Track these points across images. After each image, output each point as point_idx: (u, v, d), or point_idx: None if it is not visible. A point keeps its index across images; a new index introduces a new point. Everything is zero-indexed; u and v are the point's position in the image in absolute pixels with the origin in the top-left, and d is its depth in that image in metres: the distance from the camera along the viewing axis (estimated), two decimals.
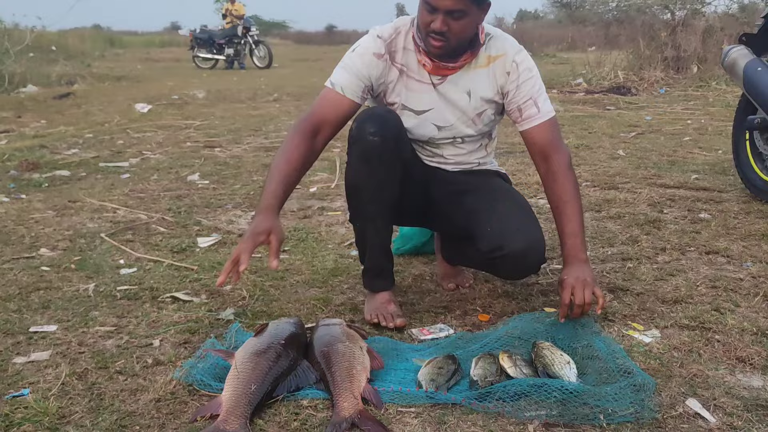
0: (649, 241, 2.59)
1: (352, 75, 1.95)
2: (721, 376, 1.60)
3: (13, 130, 6.50)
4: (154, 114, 7.52)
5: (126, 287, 2.33)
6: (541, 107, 1.96)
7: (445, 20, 1.81)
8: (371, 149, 1.90)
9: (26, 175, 4.43)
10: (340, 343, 1.72)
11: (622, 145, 5.03)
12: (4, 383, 1.66)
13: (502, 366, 1.65)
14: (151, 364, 1.75)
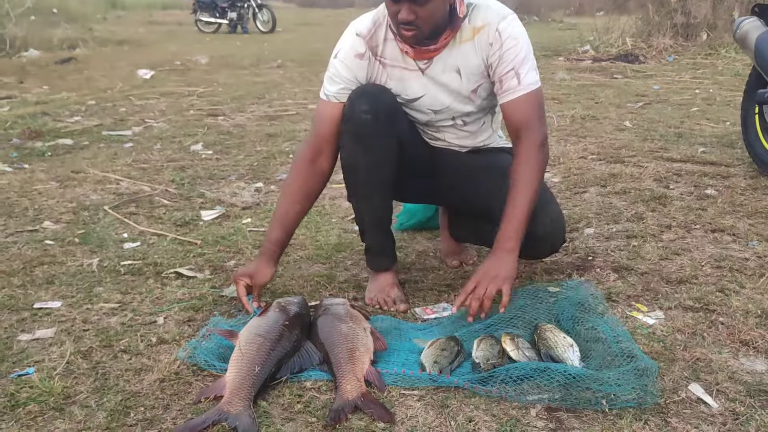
0: (654, 219, 2.57)
1: (341, 81, 1.92)
2: (724, 360, 1.60)
3: (15, 96, 6.46)
4: (157, 80, 7.46)
5: (130, 262, 2.33)
6: (523, 79, 1.84)
7: (411, 8, 1.73)
8: (364, 127, 1.87)
9: (29, 143, 4.42)
10: (344, 323, 1.72)
11: (628, 116, 4.97)
12: (9, 361, 1.67)
13: (505, 348, 1.65)
14: (156, 342, 1.76)
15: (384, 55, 1.92)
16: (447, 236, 2.37)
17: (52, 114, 5.47)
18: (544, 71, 7.70)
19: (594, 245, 2.36)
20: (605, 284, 2.04)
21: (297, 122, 5.05)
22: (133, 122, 5.14)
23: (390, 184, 2.01)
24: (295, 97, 6.27)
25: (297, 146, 3.70)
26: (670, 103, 5.56)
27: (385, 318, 1.92)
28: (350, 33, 1.94)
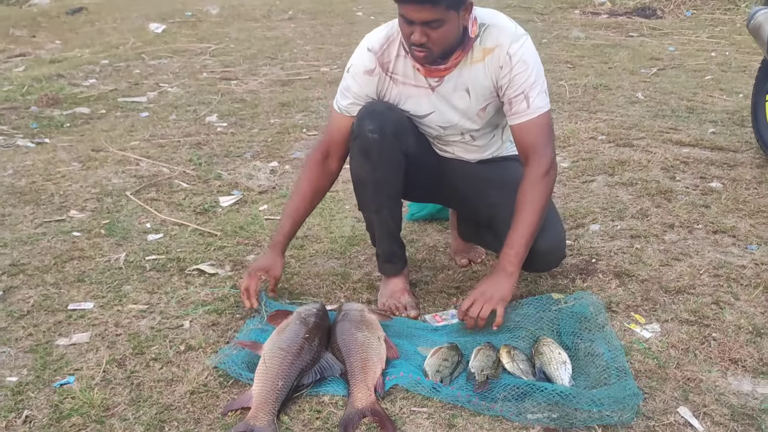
0: (658, 216, 2.65)
1: (351, 96, 2.01)
2: (713, 380, 1.72)
3: (28, 53, 6.50)
4: (168, 35, 7.44)
5: (154, 257, 2.45)
6: (532, 102, 1.90)
7: (424, 31, 1.78)
8: (371, 145, 1.96)
9: (47, 111, 4.50)
10: (359, 332, 1.84)
11: (641, 85, 4.97)
12: (50, 368, 1.81)
13: (501, 360, 1.77)
14: (184, 350, 1.89)
15: (395, 71, 1.98)
16: (456, 235, 2.47)
17: (67, 76, 5.52)
18: (559, 27, 7.62)
19: (598, 246, 2.45)
20: (607, 291, 2.15)
21: (309, 89, 5.08)
22: (147, 87, 5.20)
23: (398, 197, 2.11)
24: (307, 57, 6.25)
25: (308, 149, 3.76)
26: (684, 69, 5.53)
27: (399, 319, 2.05)
28: (363, 48, 2.00)
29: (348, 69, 2.02)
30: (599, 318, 1.96)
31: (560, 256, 2.06)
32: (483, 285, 1.92)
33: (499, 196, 2.05)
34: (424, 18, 1.76)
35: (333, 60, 6.05)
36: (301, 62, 6.03)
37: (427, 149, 2.16)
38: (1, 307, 2.11)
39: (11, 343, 1.93)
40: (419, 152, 2.10)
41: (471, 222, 2.33)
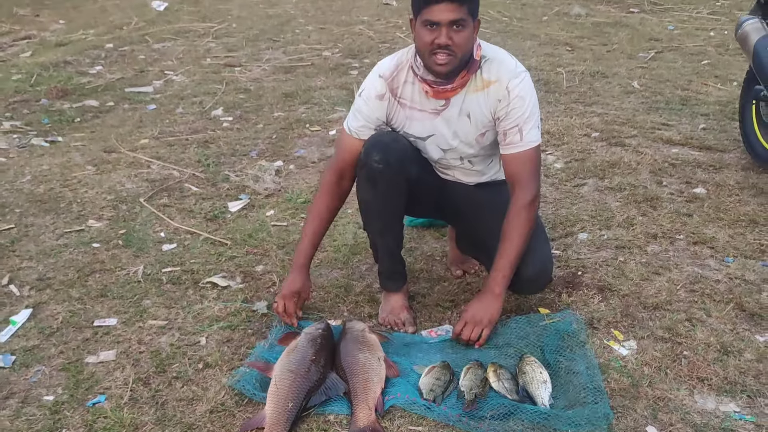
0: (643, 225, 2.81)
1: (362, 119, 2.15)
2: (681, 399, 1.90)
3: (33, 36, 6.58)
4: (171, 14, 7.49)
5: (170, 269, 2.63)
6: (525, 136, 2.06)
7: (449, 33, 1.93)
8: (376, 174, 2.11)
9: (57, 104, 4.63)
10: (361, 353, 2.03)
11: (638, 72, 5.07)
12: (82, 387, 2.00)
13: (488, 378, 1.96)
14: (202, 368, 2.08)
15: (403, 95, 2.14)
16: (453, 246, 2.63)
17: (74, 63, 5.63)
18: (561, 2, 7.64)
19: (585, 257, 2.62)
20: (590, 306, 2.32)
21: (311, 77, 5.19)
22: (153, 75, 5.31)
23: (400, 220, 2.28)
24: (309, 39, 6.33)
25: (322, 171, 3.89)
26: (681, 53, 5.62)
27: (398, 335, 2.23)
28: (375, 74, 2.16)
29: (360, 93, 2.18)
30: (581, 335, 2.15)
31: (546, 281, 2.23)
32: (473, 307, 2.11)
33: (494, 220, 2.20)
34: (450, 17, 1.92)
35: (334, 43, 6.14)
36: (303, 45, 6.11)
37: (430, 172, 2.32)
38: (33, 324, 2.29)
39: (45, 361, 2.12)
40: (422, 176, 2.25)
41: (468, 240, 2.49)
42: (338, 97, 4.68)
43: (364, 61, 5.56)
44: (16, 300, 2.43)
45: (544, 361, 2.03)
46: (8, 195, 3.23)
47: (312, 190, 3.30)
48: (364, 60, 5.58)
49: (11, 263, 2.65)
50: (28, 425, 1.86)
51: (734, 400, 1.90)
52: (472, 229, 2.37)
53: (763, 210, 2.89)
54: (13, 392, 1.99)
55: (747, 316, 2.24)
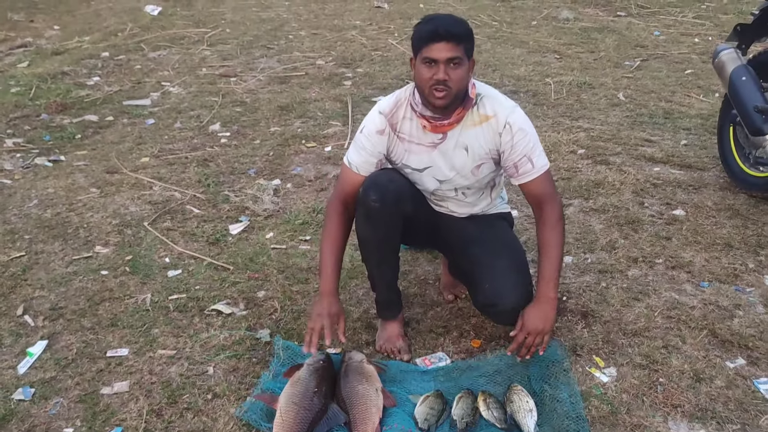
0: (624, 249, 2.96)
1: (364, 154, 2.29)
2: (656, 426, 2.06)
3: (29, 45, 6.64)
4: (165, 18, 7.56)
5: (176, 296, 2.76)
6: (536, 163, 2.23)
7: (446, 70, 2.08)
8: (373, 213, 2.25)
9: (57, 119, 4.74)
10: (360, 384, 2.17)
11: (624, 82, 5.21)
12: (99, 419, 2.15)
13: (478, 407, 2.11)
14: (211, 398, 2.22)
15: (402, 130, 2.28)
16: (446, 272, 2.78)
17: (71, 73, 5.72)
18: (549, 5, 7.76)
19: (570, 282, 2.77)
20: (573, 333, 2.48)
21: (306, 88, 5.30)
22: (150, 87, 5.41)
23: (396, 253, 2.42)
24: (303, 46, 6.43)
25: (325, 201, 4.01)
26: (666, 61, 5.76)
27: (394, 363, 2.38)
28: (375, 112, 2.31)
29: (361, 130, 2.31)
30: (565, 363, 2.30)
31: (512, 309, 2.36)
32: (532, 315, 2.21)
33: (480, 253, 2.36)
34: (448, 55, 2.07)
35: (327, 51, 6.24)
36: (297, 53, 6.21)
37: (424, 206, 2.46)
38: (49, 355, 2.43)
39: (62, 393, 2.26)
40: (416, 211, 2.39)
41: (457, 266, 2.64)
42: (333, 110, 4.80)
43: (357, 70, 5.68)
44: (32, 330, 2.57)
45: (531, 390, 2.19)
46: (17, 221, 3.35)
47: (309, 210, 3.44)
48: (357, 69, 5.70)
49: (24, 292, 2.78)
50: None
51: (705, 426, 2.06)
52: (459, 258, 2.52)
53: (738, 233, 3.05)
54: (34, 425, 2.13)
55: (719, 343, 2.40)
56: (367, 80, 5.41)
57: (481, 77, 5.32)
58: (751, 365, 2.30)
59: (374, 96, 5.01)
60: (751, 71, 3.17)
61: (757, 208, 3.26)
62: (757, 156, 3.28)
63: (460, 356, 2.42)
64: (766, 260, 2.86)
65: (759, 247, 2.96)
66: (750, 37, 3.37)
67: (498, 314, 2.32)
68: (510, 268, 2.31)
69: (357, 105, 4.86)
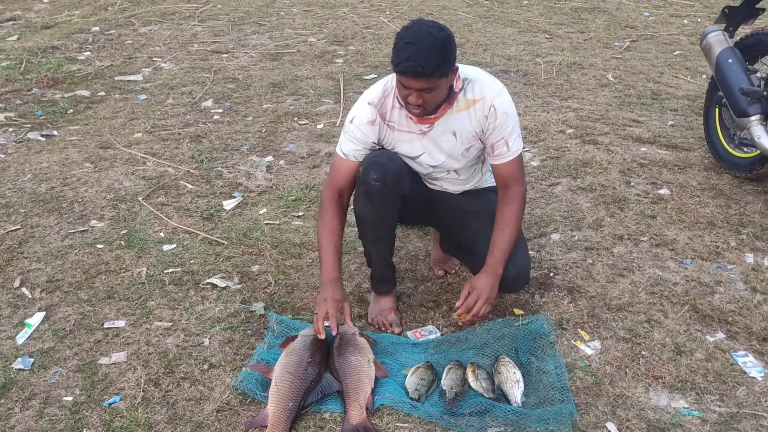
0: (611, 227, 3.03)
1: (356, 143, 2.33)
2: (637, 396, 2.14)
3: (18, 18, 6.59)
4: None
5: (171, 270, 2.81)
6: (511, 146, 2.30)
7: (419, 95, 2.12)
8: (373, 191, 2.31)
9: (48, 94, 4.73)
10: (352, 355, 2.24)
11: (613, 63, 5.26)
12: (98, 388, 2.20)
13: (467, 378, 2.19)
14: (207, 368, 2.28)
15: (392, 120, 2.33)
16: (437, 247, 2.84)
17: (62, 48, 5.69)
18: None
19: (557, 258, 2.84)
20: (560, 308, 2.55)
21: (298, 65, 5.31)
22: (141, 62, 5.39)
23: (393, 231, 2.49)
24: (294, 23, 6.41)
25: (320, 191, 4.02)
26: (655, 42, 5.80)
27: (386, 336, 2.45)
28: (364, 102, 2.34)
29: (351, 120, 2.35)
30: (551, 336, 2.38)
31: (525, 281, 2.45)
32: (479, 282, 2.29)
33: (480, 226, 2.43)
34: (419, 86, 2.10)
35: (319, 28, 6.23)
36: (289, 30, 6.20)
37: (420, 185, 2.51)
38: (47, 326, 2.48)
39: (61, 363, 2.31)
40: (413, 190, 2.45)
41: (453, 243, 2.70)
42: (325, 88, 4.82)
43: (349, 48, 5.68)
44: (29, 302, 2.61)
45: (518, 362, 2.26)
46: (12, 195, 3.37)
47: (302, 187, 3.48)
48: (349, 47, 5.70)
49: (21, 265, 2.82)
50: (51, 425, 2.06)
51: (684, 397, 2.15)
52: (458, 236, 2.58)
53: (721, 212, 3.13)
54: (34, 393, 2.19)
55: (700, 318, 2.48)
56: (359, 58, 5.42)
57: (471, 56, 5.34)
58: (730, 339, 2.38)
59: (366, 74, 5.03)
60: (737, 54, 3.23)
61: (740, 188, 3.34)
62: (742, 137, 3.36)
63: (450, 329, 2.49)
64: (748, 239, 2.94)
65: (741, 226, 3.04)
66: (737, 20, 3.42)
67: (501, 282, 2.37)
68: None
69: (349, 83, 4.89)
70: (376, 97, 2.32)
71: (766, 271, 2.74)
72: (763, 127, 3.11)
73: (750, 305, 2.54)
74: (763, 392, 2.16)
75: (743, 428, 2.03)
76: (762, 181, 3.36)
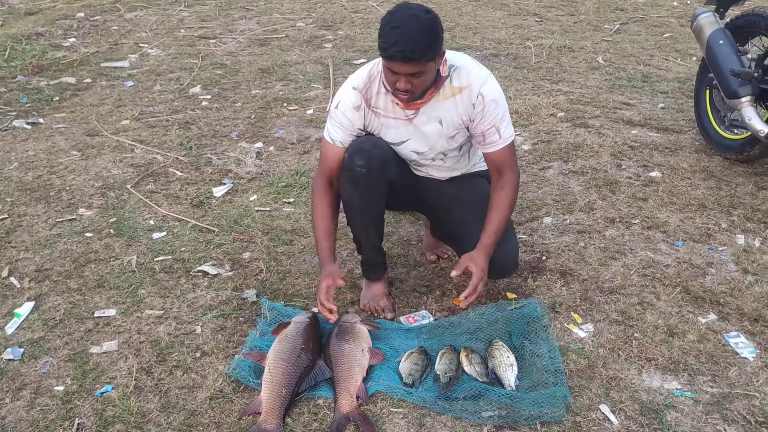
0: (602, 210, 3.03)
1: (342, 128, 2.30)
2: (630, 378, 2.15)
3: (2, 4, 6.49)
4: None
5: (161, 257, 2.79)
6: (503, 134, 2.27)
7: (408, 80, 2.09)
8: (359, 177, 2.28)
9: (34, 81, 4.67)
10: (347, 344, 2.23)
11: (603, 46, 5.25)
12: (89, 377, 2.18)
13: (461, 362, 2.19)
14: (199, 356, 2.27)
15: (377, 105, 2.30)
16: (428, 233, 2.83)
17: (46, 34, 5.62)
18: None
19: (549, 242, 2.84)
20: (552, 291, 2.55)
21: (286, 50, 5.27)
22: (127, 48, 5.33)
23: (381, 216, 2.47)
24: (282, 8, 6.36)
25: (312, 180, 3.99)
26: (645, 24, 5.80)
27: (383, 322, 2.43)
28: (348, 87, 2.30)
29: (337, 105, 2.32)
30: (544, 320, 2.38)
31: (512, 267, 2.45)
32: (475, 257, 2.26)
33: (466, 213, 2.42)
34: (408, 71, 2.06)
35: (308, 13, 6.18)
36: (277, 15, 6.15)
37: (406, 171, 2.49)
38: (36, 316, 2.45)
39: (52, 353, 2.29)
40: (400, 176, 2.42)
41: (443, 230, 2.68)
42: (314, 73, 4.79)
43: (338, 32, 5.64)
44: (18, 292, 2.58)
45: (511, 345, 2.26)
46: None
47: (292, 173, 3.46)
48: (337, 32, 5.66)
49: (9, 254, 2.79)
50: (43, 415, 2.04)
51: (677, 378, 2.15)
52: (444, 222, 2.57)
53: (712, 194, 3.13)
54: (25, 383, 2.16)
55: (692, 299, 2.49)
56: (348, 43, 5.38)
57: (461, 40, 5.31)
58: (722, 320, 2.39)
59: (355, 59, 5.00)
60: (728, 35, 3.22)
61: (730, 170, 3.35)
62: (733, 119, 3.36)
63: (443, 314, 2.48)
64: (738, 220, 2.95)
65: (732, 207, 3.04)
66: (728, 1, 3.40)
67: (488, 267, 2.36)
68: None
69: (338, 68, 4.85)
70: (362, 82, 2.29)
71: (757, 252, 2.75)
72: (753, 109, 3.11)
73: (741, 286, 2.55)
74: (754, 372, 2.17)
75: (735, 408, 2.04)
76: (752, 162, 3.37)
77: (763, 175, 3.31)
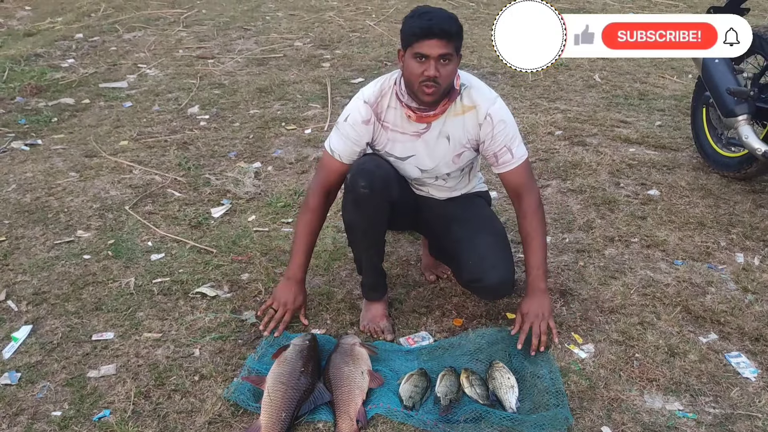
0: (601, 228, 3.03)
1: (347, 142, 2.31)
2: (632, 399, 2.13)
3: (0, 26, 6.52)
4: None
5: (160, 279, 2.77)
6: (515, 153, 2.30)
7: (437, 66, 2.11)
8: (362, 199, 2.28)
9: (32, 102, 4.68)
10: (346, 366, 2.21)
11: (599, 63, 5.27)
12: (87, 402, 2.16)
13: (461, 384, 2.17)
14: (198, 380, 2.25)
15: (386, 120, 2.31)
16: (427, 253, 2.83)
17: (45, 55, 5.64)
18: None
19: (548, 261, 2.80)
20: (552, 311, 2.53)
21: (285, 70, 5.29)
22: (126, 69, 5.35)
23: (382, 238, 2.47)
24: (280, 27, 6.39)
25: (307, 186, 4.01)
26: None
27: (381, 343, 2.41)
28: (359, 100, 2.32)
29: (345, 118, 2.33)
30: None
31: (507, 290, 2.44)
32: (528, 305, 2.29)
33: (462, 231, 2.42)
34: (440, 52, 2.10)
35: (305, 32, 6.22)
36: (275, 34, 6.18)
37: (407, 191, 2.50)
38: (34, 340, 2.43)
39: (49, 377, 2.27)
40: (401, 196, 2.43)
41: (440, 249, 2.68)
42: (312, 93, 4.80)
43: (335, 52, 5.67)
44: (15, 315, 2.56)
45: (512, 367, 2.25)
46: None
47: (291, 193, 3.46)
48: (335, 51, 5.69)
49: (6, 277, 2.78)
50: None
51: (679, 399, 2.14)
52: (443, 239, 2.56)
53: (710, 212, 3.14)
54: (22, 409, 2.14)
55: (692, 319, 2.48)
56: (345, 62, 5.41)
57: None
58: (723, 340, 2.38)
59: (353, 78, 5.02)
60: None
61: (728, 188, 3.35)
62: (729, 137, 3.37)
63: (443, 335, 2.47)
64: (738, 238, 2.95)
65: (730, 225, 3.04)
66: None
67: (483, 289, 2.37)
68: (492, 244, 2.37)
69: (336, 87, 4.87)
70: (373, 95, 2.31)
71: (756, 270, 2.75)
72: (750, 127, 3.12)
73: (741, 305, 2.55)
74: (756, 392, 2.16)
75: (738, 429, 2.03)
76: (750, 180, 3.37)
77: (761, 193, 3.32)
